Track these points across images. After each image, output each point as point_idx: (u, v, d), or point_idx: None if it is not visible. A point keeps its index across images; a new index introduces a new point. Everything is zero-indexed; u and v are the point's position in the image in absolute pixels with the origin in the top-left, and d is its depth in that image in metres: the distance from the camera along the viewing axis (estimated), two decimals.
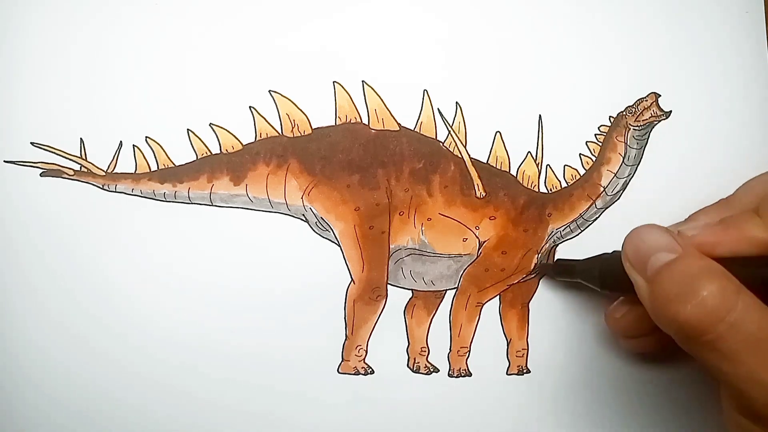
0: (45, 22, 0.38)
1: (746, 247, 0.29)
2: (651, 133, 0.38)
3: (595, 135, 0.38)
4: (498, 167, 0.38)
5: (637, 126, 0.38)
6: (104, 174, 0.37)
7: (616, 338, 0.36)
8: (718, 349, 0.26)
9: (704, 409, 0.37)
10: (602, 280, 0.34)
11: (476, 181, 0.38)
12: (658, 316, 0.28)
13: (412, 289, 0.38)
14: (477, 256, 0.38)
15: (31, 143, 0.37)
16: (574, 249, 0.38)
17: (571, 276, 0.36)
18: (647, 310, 0.29)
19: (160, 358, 0.37)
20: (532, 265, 0.38)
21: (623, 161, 0.38)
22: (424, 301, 0.38)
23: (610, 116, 0.38)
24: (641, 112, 0.38)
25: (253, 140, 0.38)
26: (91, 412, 0.37)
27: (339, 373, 0.37)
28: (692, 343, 0.27)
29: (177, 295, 0.37)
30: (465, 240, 0.38)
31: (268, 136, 0.38)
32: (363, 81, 0.38)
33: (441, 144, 0.38)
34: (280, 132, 0.38)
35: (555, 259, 0.38)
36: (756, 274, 0.28)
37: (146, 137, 0.37)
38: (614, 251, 0.35)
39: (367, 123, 0.38)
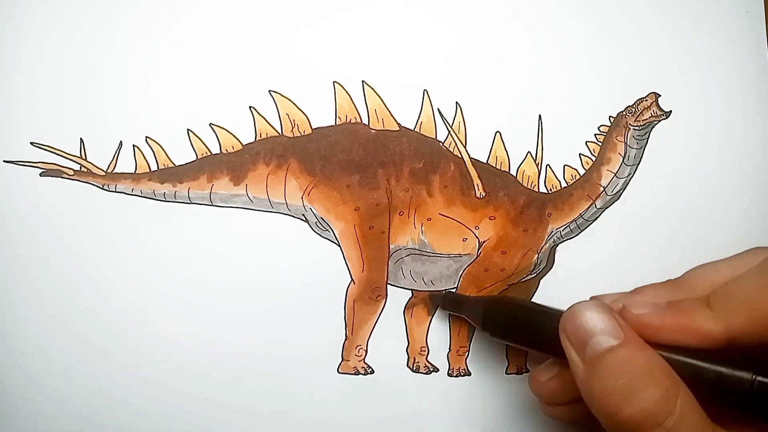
0: (45, 22, 0.38)
1: (693, 339, 0.27)
2: (651, 133, 0.38)
3: (595, 135, 0.38)
4: (498, 167, 0.38)
5: (637, 126, 0.38)
6: (104, 174, 0.37)
7: (539, 404, 0.33)
8: None
9: None
10: (484, 322, 0.34)
11: (476, 181, 0.38)
12: (593, 405, 0.27)
13: (412, 289, 0.38)
14: (477, 256, 0.38)
15: (31, 143, 0.37)
16: (574, 249, 0.38)
17: (459, 310, 0.36)
18: (580, 390, 0.28)
19: (160, 357, 0.37)
20: (532, 265, 0.38)
21: (623, 161, 0.38)
22: (424, 301, 0.38)
23: (610, 116, 0.38)
24: (641, 112, 0.38)
25: (253, 140, 0.38)
26: (91, 411, 0.37)
27: (339, 373, 0.37)
28: None
29: (177, 295, 0.37)
30: (465, 240, 0.38)
31: (268, 136, 0.38)
32: (363, 81, 0.38)
33: (441, 144, 0.38)
34: (280, 132, 0.38)
35: (445, 290, 0.38)
36: (698, 369, 0.27)
37: (146, 137, 0.37)
38: (500, 295, 0.36)
39: (367, 123, 0.38)
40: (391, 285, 0.38)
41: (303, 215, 0.38)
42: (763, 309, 0.26)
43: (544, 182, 0.38)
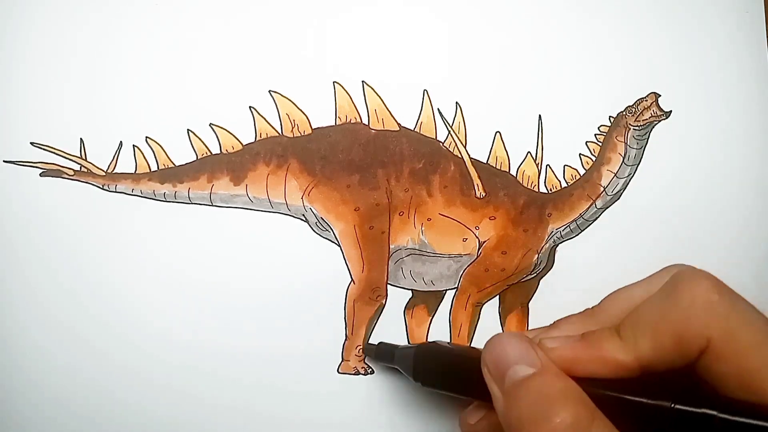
0: (45, 22, 0.38)
1: (604, 369, 0.27)
2: (651, 133, 0.38)
3: (595, 135, 0.38)
4: (498, 167, 0.38)
5: (637, 126, 0.38)
6: (104, 174, 0.37)
7: None
8: None
9: None
10: (415, 371, 0.33)
11: (476, 181, 0.38)
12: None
13: (412, 289, 0.38)
14: (477, 256, 0.38)
15: (31, 143, 0.37)
16: (574, 249, 0.38)
17: (390, 362, 0.35)
18: (501, 423, 0.27)
19: (160, 357, 0.37)
20: (533, 265, 0.38)
21: (623, 161, 0.38)
22: (424, 301, 0.38)
23: (610, 116, 0.38)
24: (641, 112, 0.38)
25: (253, 140, 0.38)
26: (91, 411, 0.37)
27: (339, 373, 0.37)
28: None
29: (177, 295, 0.37)
30: (465, 240, 0.38)
31: (268, 136, 0.38)
32: (363, 81, 0.38)
33: (441, 144, 0.38)
34: (280, 132, 0.38)
35: (379, 341, 0.37)
36: (616, 400, 0.26)
37: (146, 137, 0.37)
38: (431, 342, 0.35)
39: (367, 123, 0.38)
40: (391, 285, 0.38)
41: (303, 215, 0.38)
42: (666, 333, 0.26)
43: (544, 182, 0.38)
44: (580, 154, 0.38)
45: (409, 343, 0.38)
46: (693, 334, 0.25)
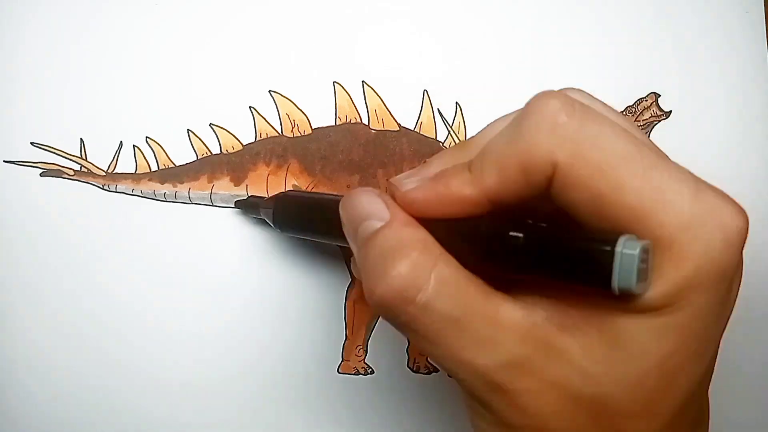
0: (45, 22, 0.38)
1: (452, 208, 0.24)
2: (651, 133, 0.38)
3: None
4: None
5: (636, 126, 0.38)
6: (104, 174, 0.37)
7: None
8: (416, 331, 0.23)
9: None
10: (275, 216, 0.33)
11: None
12: (364, 291, 0.25)
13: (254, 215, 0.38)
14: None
15: (31, 143, 0.37)
16: None
17: (257, 212, 0.35)
18: None
19: (159, 357, 0.37)
20: None
21: None
22: None
23: None
24: (641, 112, 0.38)
25: (253, 140, 0.38)
26: (90, 412, 0.37)
27: (339, 373, 0.37)
28: (393, 324, 0.24)
29: (177, 295, 0.37)
30: None
31: (268, 136, 0.38)
32: (363, 81, 0.38)
33: (441, 144, 0.38)
34: (280, 132, 0.38)
35: (250, 195, 0.37)
36: (463, 237, 0.24)
37: (146, 137, 0.37)
38: (290, 190, 0.36)
39: (367, 123, 0.38)
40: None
41: None
42: (511, 162, 0.23)
43: None
44: None
45: (408, 342, 0.38)
46: (537, 161, 0.22)
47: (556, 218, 0.23)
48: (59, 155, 0.37)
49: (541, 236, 0.22)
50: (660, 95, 0.38)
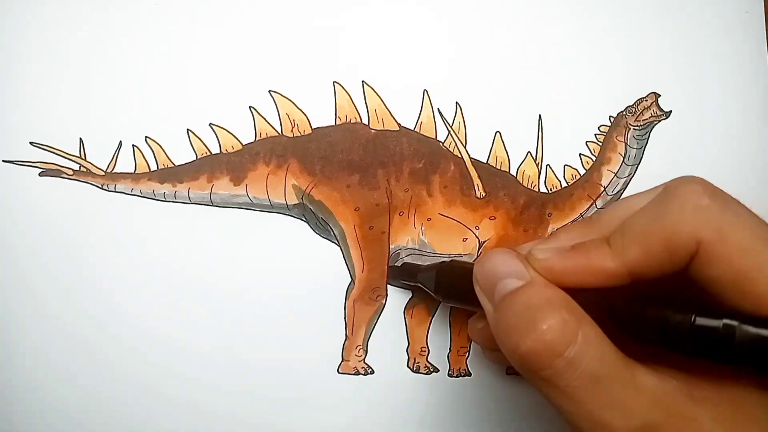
0: (44, 22, 0.38)
1: (592, 278, 0.26)
2: (651, 133, 0.38)
3: (595, 135, 0.38)
4: (498, 167, 0.38)
5: (637, 126, 0.38)
6: (104, 174, 0.37)
7: (483, 351, 0.35)
8: (557, 386, 0.24)
9: None
10: (437, 286, 0.33)
11: (476, 181, 0.38)
12: (502, 346, 0.26)
13: (412, 289, 0.38)
14: (477, 257, 0.38)
15: (30, 143, 0.37)
16: None
17: (414, 279, 0.36)
18: (495, 337, 0.27)
19: (158, 357, 0.37)
20: None
21: (623, 161, 0.38)
22: (424, 301, 0.38)
23: (610, 116, 0.38)
24: (641, 112, 0.38)
25: (253, 140, 0.38)
26: (88, 413, 0.37)
27: (339, 373, 0.37)
28: (533, 378, 0.25)
29: (176, 295, 0.37)
30: (465, 240, 0.38)
31: (268, 136, 0.38)
32: (363, 81, 0.38)
33: (441, 144, 0.38)
34: (280, 132, 0.38)
35: (402, 262, 0.37)
36: (603, 308, 0.26)
37: (146, 137, 0.37)
38: (451, 259, 0.36)
39: (367, 123, 0.38)
40: (391, 285, 0.38)
41: (303, 215, 0.38)
42: (655, 239, 0.25)
43: (545, 182, 0.38)
44: (580, 154, 0.38)
45: (408, 342, 0.38)
46: (682, 238, 0.25)
47: (682, 295, 0.25)
48: (58, 155, 0.37)
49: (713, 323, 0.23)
50: (660, 95, 0.38)
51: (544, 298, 0.26)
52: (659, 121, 0.38)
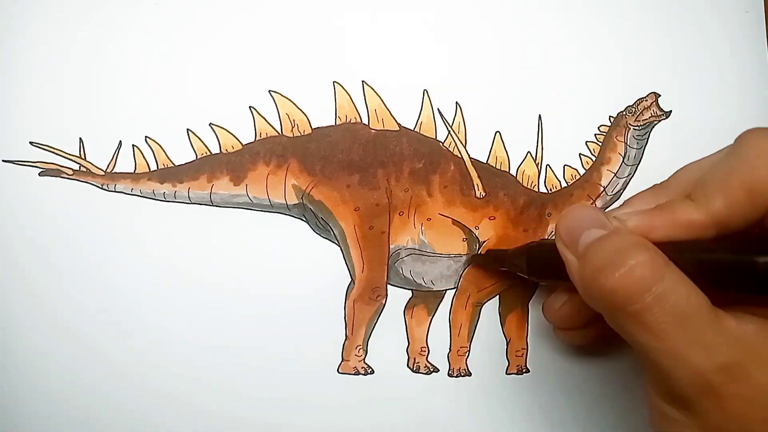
0: (44, 22, 0.37)
1: (680, 231, 0.27)
2: (651, 133, 0.38)
3: (595, 135, 0.38)
4: (498, 167, 0.38)
5: (637, 126, 0.38)
6: (103, 174, 0.37)
7: (555, 331, 0.36)
8: (644, 322, 0.25)
9: None
10: (529, 266, 0.34)
11: (476, 181, 0.38)
12: (586, 290, 0.27)
13: (412, 289, 0.38)
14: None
15: (30, 143, 0.37)
16: None
17: (501, 264, 0.36)
18: (577, 289, 0.28)
19: (159, 356, 0.37)
20: None
21: (623, 161, 0.38)
22: (424, 301, 0.38)
23: (610, 116, 0.38)
24: (641, 112, 0.38)
25: (253, 140, 0.38)
26: (89, 413, 0.37)
27: (339, 373, 0.37)
28: (618, 314, 0.25)
29: (176, 295, 0.37)
30: (465, 240, 0.38)
31: (268, 136, 0.38)
32: (363, 81, 0.38)
33: (441, 144, 0.38)
34: (280, 132, 0.38)
35: (486, 249, 0.38)
36: (689, 258, 0.26)
37: (146, 137, 0.37)
38: (541, 239, 0.37)
39: (367, 123, 0.38)
40: (391, 285, 0.38)
41: (303, 215, 0.38)
42: (737, 187, 0.26)
43: (544, 182, 0.38)
44: (580, 154, 0.38)
45: (408, 342, 0.38)
46: (763, 183, 0.26)
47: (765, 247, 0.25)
48: (58, 155, 0.37)
49: None
50: (660, 95, 0.38)
51: (630, 241, 0.26)
52: (659, 121, 0.38)
